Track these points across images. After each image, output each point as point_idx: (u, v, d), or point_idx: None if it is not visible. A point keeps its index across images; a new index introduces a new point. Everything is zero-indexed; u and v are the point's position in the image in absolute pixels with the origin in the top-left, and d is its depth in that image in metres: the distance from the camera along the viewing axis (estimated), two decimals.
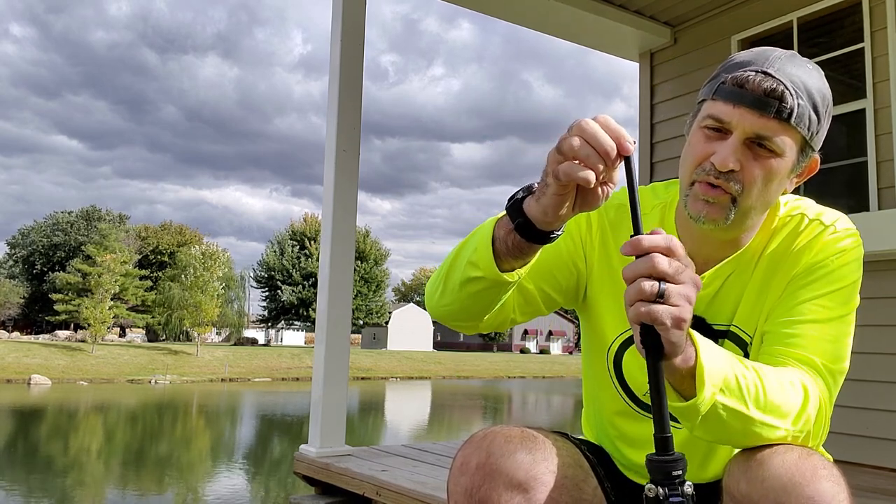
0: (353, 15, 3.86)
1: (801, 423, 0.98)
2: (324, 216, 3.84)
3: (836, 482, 0.92)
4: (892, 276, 3.63)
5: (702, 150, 1.06)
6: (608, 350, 1.25)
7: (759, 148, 1.03)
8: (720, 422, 0.93)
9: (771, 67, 1.02)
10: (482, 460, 1.04)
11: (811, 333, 1.06)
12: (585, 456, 1.21)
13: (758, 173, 1.03)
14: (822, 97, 1.05)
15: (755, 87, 1.01)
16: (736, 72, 1.03)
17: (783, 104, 1.00)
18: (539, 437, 1.09)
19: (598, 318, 1.24)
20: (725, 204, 1.04)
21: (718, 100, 1.04)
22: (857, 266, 1.12)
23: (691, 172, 1.07)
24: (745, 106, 1.01)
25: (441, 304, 1.14)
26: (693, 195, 1.07)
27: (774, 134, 1.01)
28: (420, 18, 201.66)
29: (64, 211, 64.11)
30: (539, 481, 1.04)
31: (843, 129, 4.16)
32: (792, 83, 1.01)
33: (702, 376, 0.89)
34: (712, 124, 1.05)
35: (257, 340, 61.87)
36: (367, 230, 63.78)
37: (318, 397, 3.67)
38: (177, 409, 23.96)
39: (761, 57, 1.04)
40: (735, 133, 1.02)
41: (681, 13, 4.77)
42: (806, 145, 1.06)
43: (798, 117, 1.02)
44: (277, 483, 11.08)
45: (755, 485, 0.93)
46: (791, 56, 1.05)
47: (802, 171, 1.11)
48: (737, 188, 1.03)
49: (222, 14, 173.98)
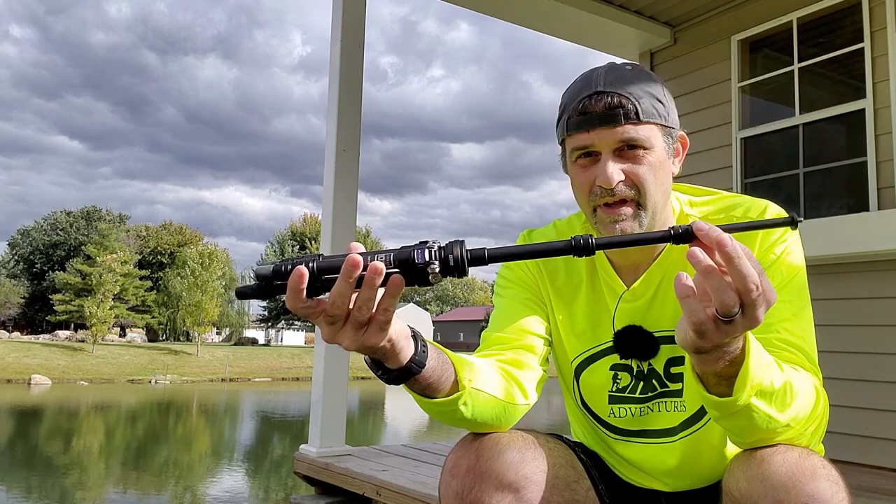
0: (354, 14, 3.86)
1: (813, 426, 0.98)
2: (324, 216, 3.84)
3: (835, 482, 0.92)
4: (892, 276, 3.63)
5: (584, 178, 1.11)
6: (571, 373, 1.27)
7: (631, 150, 1.08)
8: (749, 420, 0.92)
9: (598, 86, 1.08)
10: (472, 462, 1.04)
11: (786, 334, 1.06)
12: (579, 457, 1.21)
13: (642, 171, 1.08)
14: (653, 86, 1.11)
15: (596, 108, 1.07)
16: (573, 104, 1.10)
17: (626, 109, 1.06)
18: (529, 438, 1.10)
19: (558, 343, 1.27)
20: (632, 213, 1.09)
21: (574, 133, 1.11)
22: (799, 248, 1.12)
23: (587, 201, 1.12)
24: (597, 127, 1.08)
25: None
26: (600, 221, 1.12)
27: (635, 134, 1.07)
28: (419, 20, 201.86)
29: (63, 211, 64.07)
30: (530, 480, 1.05)
31: (843, 129, 4.16)
32: (623, 89, 1.08)
33: (745, 379, 0.87)
34: (579, 153, 1.11)
35: (257, 340, 61.90)
36: (368, 230, 63.82)
37: (318, 397, 3.67)
38: (177, 408, 23.96)
39: (587, 82, 1.11)
40: (603, 151, 1.09)
41: (681, 13, 4.77)
42: (666, 129, 1.11)
43: (645, 113, 1.08)
44: (278, 483, 11.08)
45: (755, 483, 0.93)
46: (610, 68, 1.12)
47: (678, 150, 1.16)
48: (632, 193, 1.08)
49: (222, 16, 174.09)
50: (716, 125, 4.58)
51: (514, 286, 1.26)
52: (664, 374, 1.19)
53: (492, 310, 1.31)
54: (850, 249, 3.65)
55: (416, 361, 0.91)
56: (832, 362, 3.47)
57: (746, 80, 4.54)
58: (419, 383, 0.95)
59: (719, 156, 4.54)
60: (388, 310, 0.81)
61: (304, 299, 0.77)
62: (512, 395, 1.10)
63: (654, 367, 1.19)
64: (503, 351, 1.17)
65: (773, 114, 4.46)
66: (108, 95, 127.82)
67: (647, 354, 1.18)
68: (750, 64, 4.58)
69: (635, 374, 1.20)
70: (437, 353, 0.96)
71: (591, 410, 1.26)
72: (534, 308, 1.24)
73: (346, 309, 0.79)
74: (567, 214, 1.35)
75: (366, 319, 0.81)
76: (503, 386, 1.09)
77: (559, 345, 1.26)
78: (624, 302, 1.19)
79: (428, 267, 0.78)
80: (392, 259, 0.79)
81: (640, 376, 1.20)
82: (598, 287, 1.23)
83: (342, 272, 0.76)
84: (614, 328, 1.20)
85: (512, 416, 1.11)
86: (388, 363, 0.89)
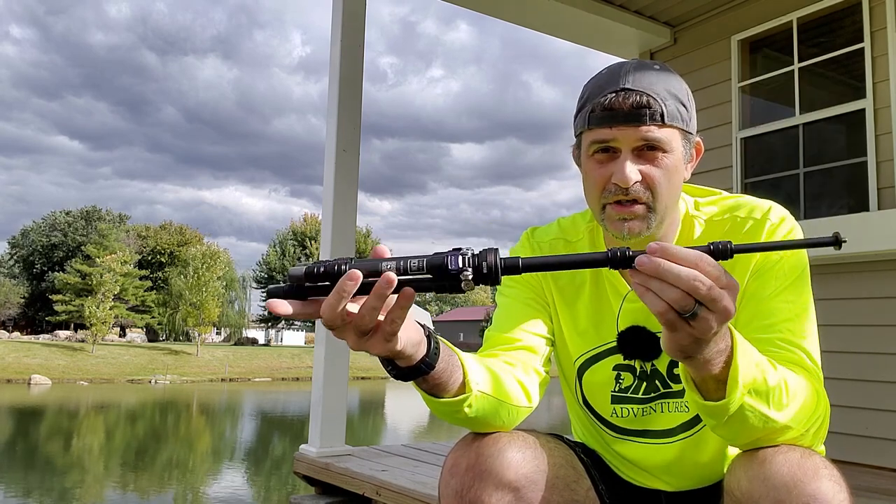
0: (354, 14, 3.86)
1: (814, 427, 0.98)
2: (324, 216, 3.84)
3: (836, 482, 0.92)
4: (892, 276, 3.63)
5: (599, 174, 1.10)
6: (574, 373, 1.27)
7: (650, 151, 1.07)
8: (744, 422, 0.92)
9: (626, 83, 1.07)
10: (472, 461, 1.04)
11: (789, 335, 1.06)
12: (579, 458, 1.21)
13: (658, 173, 1.08)
14: (679, 89, 1.10)
15: (622, 105, 1.06)
16: (598, 98, 1.09)
17: (652, 110, 1.06)
18: (530, 438, 1.10)
19: (560, 342, 1.27)
20: (642, 214, 1.09)
21: (595, 127, 1.09)
22: (802, 250, 1.12)
23: (599, 198, 1.11)
24: (620, 124, 1.06)
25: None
26: (609, 218, 1.11)
27: (657, 136, 1.06)
28: (418, 21, 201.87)
29: (63, 211, 64.04)
30: (529, 480, 1.05)
31: (843, 129, 4.16)
32: (651, 89, 1.07)
33: (735, 377, 0.88)
34: (597, 147, 1.09)
35: (257, 340, 61.85)
36: (369, 230, 63.80)
37: (318, 397, 3.67)
38: (177, 408, 23.97)
39: (614, 76, 1.10)
40: (623, 149, 1.07)
41: (681, 13, 4.77)
42: (685, 134, 1.11)
43: (670, 116, 1.07)
44: (278, 483, 11.08)
45: (756, 483, 0.93)
46: (638, 65, 1.11)
47: (692, 156, 1.16)
48: (646, 195, 1.08)
49: (222, 16, 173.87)
50: (716, 125, 4.57)
51: (517, 286, 1.27)
52: (667, 374, 1.19)
53: (492, 309, 1.32)
54: (850, 249, 3.65)
55: (426, 363, 0.92)
56: (832, 362, 3.47)
57: (746, 80, 4.54)
58: (427, 382, 0.96)
59: (719, 156, 4.53)
60: (395, 321, 0.81)
61: (343, 304, 0.78)
62: (516, 398, 1.11)
63: (657, 367, 1.19)
64: (506, 352, 1.17)
65: (774, 114, 4.46)
66: (109, 95, 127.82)
67: (651, 355, 1.18)
68: (750, 64, 4.58)
69: (638, 375, 1.21)
70: (448, 355, 0.96)
71: (593, 410, 1.27)
72: (536, 308, 1.25)
73: (348, 317, 0.80)
74: (567, 215, 1.35)
75: (369, 328, 0.81)
76: (508, 389, 1.09)
77: (562, 344, 1.26)
78: (628, 302, 1.19)
79: (461, 273, 0.78)
80: (424, 264, 0.79)
81: (643, 377, 1.20)
82: (602, 287, 1.23)
83: (337, 287, 0.77)
84: (618, 328, 1.20)
85: (514, 418, 1.11)
86: (398, 362, 0.90)
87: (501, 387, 1.08)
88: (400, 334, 0.83)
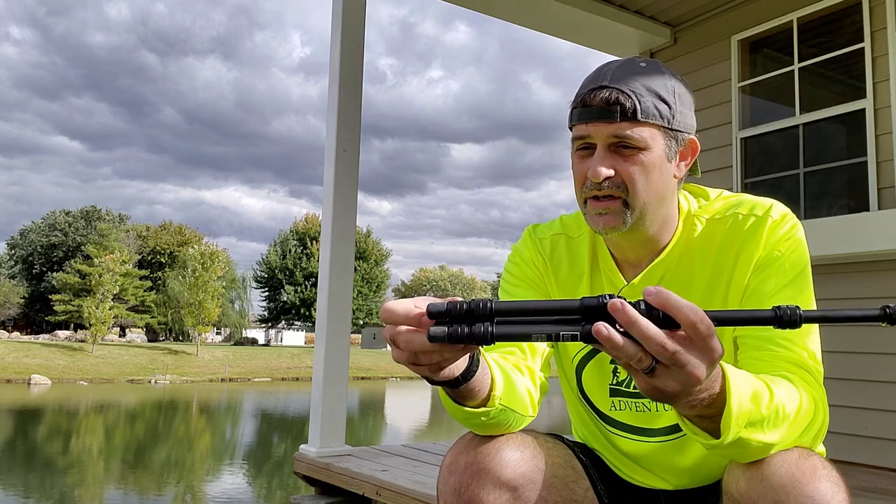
0: (353, 15, 3.86)
1: (811, 434, 0.98)
2: (324, 216, 3.84)
3: (835, 482, 0.92)
4: (892, 276, 3.63)
5: (579, 169, 1.13)
6: (573, 369, 1.27)
7: (625, 149, 1.08)
8: (741, 448, 0.91)
9: (605, 80, 1.09)
10: (471, 460, 1.05)
11: (790, 332, 1.04)
12: (578, 458, 1.21)
13: (633, 169, 1.08)
14: (663, 86, 1.10)
15: (595, 102, 1.08)
16: (581, 94, 1.11)
17: (624, 106, 1.06)
18: (528, 438, 1.10)
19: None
20: (618, 209, 1.09)
21: (576, 123, 1.11)
22: (804, 247, 1.12)
23: (580, 192, 1.13)
24: (594, 120, 1.08)
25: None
26: (588, 213, 1.13)
27: (630, 133, 1.07)
28: (417, 22, 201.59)
29: (63, 211, 64.00)
30: (527, 479, 1.05)
31: (843, 129, 4.16)
32: (627, 86, 1.07)
33: (729, 419, 0.85)
34: (579, 144, 1.12)
35: (257, 340, 61.85)
36: (369, 230, 63.78)
37: (318, 397, 3.67)
38: (177, 408, 23.97)
39: (598, 75, 1.11)
40: (598, 145, 1.09)
41: (681, 13, 4.77)
42: (668, 131, 1.10)
43: (644, 112, 1.07)
44: (278, 483, 11.08)
45: (754, 484, 0.93)
46: (624, 63, 1.12)
47: (685, 154, 1.15)
48: (620, 191, 1.09)
49: (221, 17, 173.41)
50: (716, 125, 4.58)
51: (520, 283, 1.27)
52: None
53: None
54: (850, 249, 3.65)
55: (464, 376, 0.92)
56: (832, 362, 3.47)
57: (746, 80, 4.54)
58: (456, 391, 0.96)
59: (719, 156, 4.54)
60: (441, 364, 0.83)
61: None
62: (524, 409, 1.11)
63: None
64: (509, 355, 1.17)
65: (774, 114, 4.46)
66: (109, 96, 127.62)
67: None
68: (750, 64, 4.58)
69: None
70: (482, 370, 0.97)
71: (592, 404, 1.27)
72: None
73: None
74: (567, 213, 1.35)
75: (420, 362, 0.82)
76: (520, 399, 1.09)
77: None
78: (623, 296, 1.19)
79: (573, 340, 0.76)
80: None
81: None
82: (599, 280, 1.24)
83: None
84: None
85: (518, 426, 1.12)
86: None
87: (515, 397, 1.07)
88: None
